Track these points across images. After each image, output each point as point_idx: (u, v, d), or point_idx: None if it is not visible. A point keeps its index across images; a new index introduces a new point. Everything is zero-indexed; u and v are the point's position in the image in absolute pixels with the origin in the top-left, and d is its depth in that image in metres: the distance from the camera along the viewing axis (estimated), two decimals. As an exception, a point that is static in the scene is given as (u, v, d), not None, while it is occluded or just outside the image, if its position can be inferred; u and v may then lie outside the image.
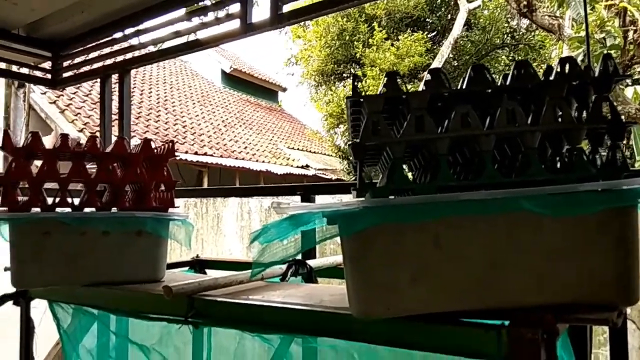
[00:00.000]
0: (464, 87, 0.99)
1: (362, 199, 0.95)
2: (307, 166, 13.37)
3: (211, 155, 10.29)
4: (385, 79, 1.00)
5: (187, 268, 2.24)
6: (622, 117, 0.93)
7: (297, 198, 2.56)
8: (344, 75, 14.73)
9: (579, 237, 0.92)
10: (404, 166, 1.22)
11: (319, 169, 13.42)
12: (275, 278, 1.61)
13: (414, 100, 0.96)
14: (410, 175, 1.25)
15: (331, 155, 14.53)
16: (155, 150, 1.68)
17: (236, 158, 11.23)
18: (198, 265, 2.26)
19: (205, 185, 9.63)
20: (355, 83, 0.99)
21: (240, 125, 14.35)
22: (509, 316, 0.92)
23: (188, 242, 1.61)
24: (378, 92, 1.00)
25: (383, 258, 0.94)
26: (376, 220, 0.88)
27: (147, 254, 1.59)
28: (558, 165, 0.98)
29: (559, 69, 0.98)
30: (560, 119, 0.94)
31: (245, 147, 12.48)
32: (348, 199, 1.10)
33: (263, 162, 12.07)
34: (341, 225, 0.92)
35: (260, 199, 2.64)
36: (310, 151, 15.76)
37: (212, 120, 13.19)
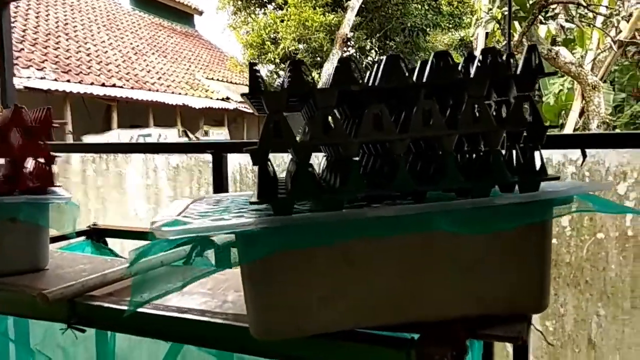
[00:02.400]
0: (377, 80, 0.86)
1: (265, 212, 0.83)
2: (228, 99, 12.88)
3: (121, 87, 9.58)
4: (290, 68, 0.85)
5: (83, 238, 2.04)
6: (543, 120, 0.85)
7: (209, 157, 2.39)
8: (265, 0, 14.00)
9: (495, 248, 0.86)
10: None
11: (240, 102, 12.98)
12: (179, 261, 1.48)
13: (321, 98, 0.82)
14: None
15: (252, 87, 14.03)
16: (30, 120, 1.43)
17: (149, 90, 10.55)
18: (95, 235, 2.06)
19: (115, 122, 9.01)
20: (255, 74, 0.83)
21: (153, 53, 13.41)
22: (421, 330, 0.88)
23: (73, 227, 1.42)
24: (281, 83, 0.85)
25: (289, 279, 0.83)
26: (277, 246, 0.76)
27: (25, 242, 1.39)
28: (475, 167, 0.90)
29: (480, 60, 0.87)
30: (479, 119, 0.85)
31: (159, 78, 11.74)
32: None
33: (179, 94, 11.46)
34: (238, 248, 0.80)
35: (167, 155, 2.44)
36: (231, 82, 15.15)
37: (121, 47, 12.19)
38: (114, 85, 9.39)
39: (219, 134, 11.37)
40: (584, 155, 1.80)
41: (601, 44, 7.55)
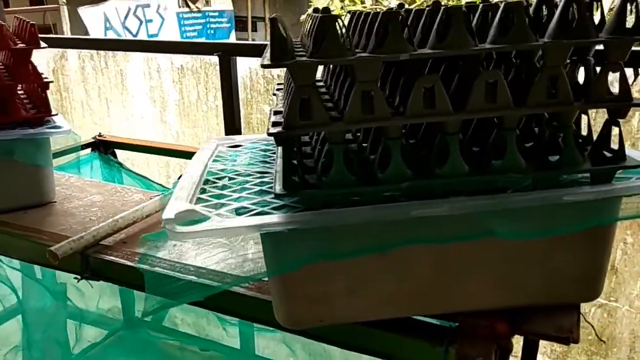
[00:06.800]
0: (429, 41, 0.69)
1: (288, 203, 0.72)
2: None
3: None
4: (318, 25, 0.67)
5: (89, 151, 1.94)
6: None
7: (215, 59, 2.20)
8: None
9: (549, 240, 0.76)
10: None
11: (242, -34, 11.94)
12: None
13: (362, 70, 0.66)
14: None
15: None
16: (13, 38, 1.25)
17: (145, -48, 9.65)
18: (102, 146, 1.96)
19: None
20: (278, 33, 0.66)
21: None
22: (457, 319, 0.81)
23: (77, 157, 1.32)
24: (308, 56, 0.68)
25: (315, 271, 0.75)
26: (311, 257, 0.66)
27: (27, 178, 1.30)
28: (538, 146, 0.76)
29: (561, 14, 0.69)
30: (555, 94, 0.70)
31: (155, -62, 10.67)
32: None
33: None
34: (266, 253, 0.70)
35: (170, 56, 2.24)
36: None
37: None
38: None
39: (222, 3, 10.63)
40: (637, 74, 1.61)
41: None
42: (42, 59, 2.55)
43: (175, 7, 9.39)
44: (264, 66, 0.65)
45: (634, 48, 0.72)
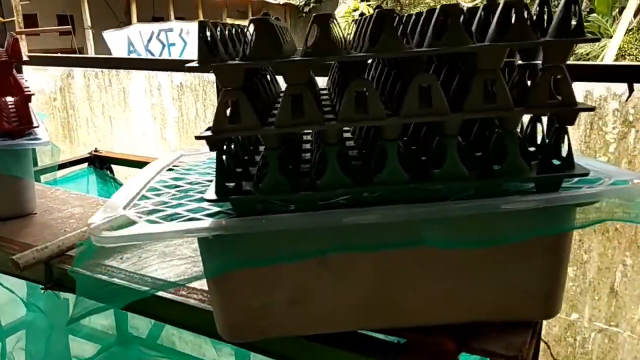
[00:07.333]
0: (363, 47, 0.67)
1: (222, 212, 0.70)
2: (252, -13, 12.10)
3: (140, -23, 9.07)
4: (255, 28, 0.66)
5: (86, 165, 1.97)
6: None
7: (212, 76, 2.21)
8: None
9: (499, 252, 0.72)
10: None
11: (265, -9, 12.21)
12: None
13: (290, 74, 0.65)
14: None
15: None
16: (-4, 53, 1.28)
17: (170, -21, 9.96)
18: (98, 161, 1.99)
19: (135, 15, 8.62)
20: (205, 37, 0.65)
21: (173, -64, 12.47)
22: (403, 337, 0.78)
23: (54, 171, 1.33)
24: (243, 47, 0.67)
25: (253, 280, 0.73)
26: (236, 263, 0.65)
27: (5, 189, 1.31)
28: (482, 153, 0.73)
29: (499, 18, 0.66)
30: (493, 99, 0.67)
31: (180, -35, 11.02)
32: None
33: (201, -17, 10.81)
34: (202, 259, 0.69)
35: (170, 74, 2.27)
36: (255, -32, 14.14)
37: None
38: (132, -26, 8.88)
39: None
40: (631, 90, 1.56)
41: None
42: (50, 77, 2.63)
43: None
44: (188, 69, 0.65)
45: (628, 63, 0.69)
